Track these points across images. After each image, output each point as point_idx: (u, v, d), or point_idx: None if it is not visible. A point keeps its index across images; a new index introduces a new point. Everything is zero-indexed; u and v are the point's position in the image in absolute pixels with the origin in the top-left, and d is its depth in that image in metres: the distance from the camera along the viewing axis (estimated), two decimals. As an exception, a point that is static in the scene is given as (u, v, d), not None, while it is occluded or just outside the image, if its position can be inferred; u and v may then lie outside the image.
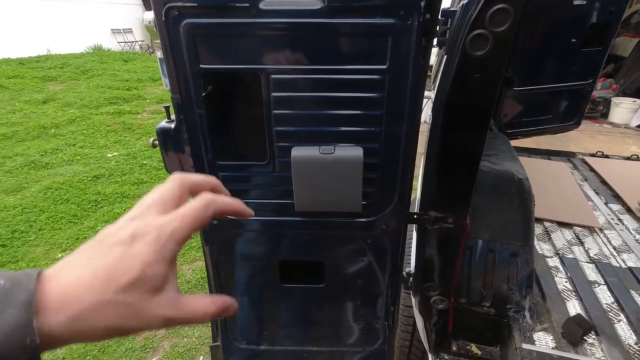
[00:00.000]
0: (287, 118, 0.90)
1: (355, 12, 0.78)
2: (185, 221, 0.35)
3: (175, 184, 0.38)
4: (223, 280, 1.16)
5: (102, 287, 0.31)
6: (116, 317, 0.31)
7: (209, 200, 0.37)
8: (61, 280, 0.31)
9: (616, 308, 1.27)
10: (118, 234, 0.34)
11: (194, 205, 0.36)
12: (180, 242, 0.35)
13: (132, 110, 6.49)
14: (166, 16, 0.79)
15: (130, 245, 0.33)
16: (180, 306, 0.35)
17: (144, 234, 0.33)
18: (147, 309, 0.33)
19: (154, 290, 0.33)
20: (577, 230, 1.68)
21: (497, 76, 0.89)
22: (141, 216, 0.35)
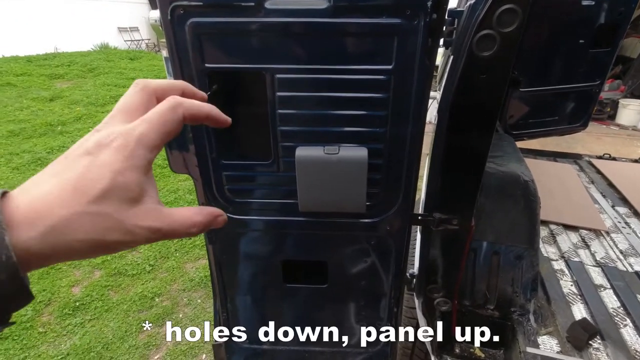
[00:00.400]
0: (292, 118, 0.89)
1: (361, 12, 0.77)
2: (153, 124, 0.32)
3: (137, 88, 0.35)
4: (226, 279, 1.16)
5: (73, 200, 0.29)
6: (94, 230, 0.29)
7: (176, 102, 0.34)
8: (29, 196, 0.29)
9: (622, 313, 1.26)
10: (83, 146, 0.31)
11: (160, 108, 0.33)
12: (152, 148, 0.32)
13: (137, 108, 6.52)
14: (172, 15, 0.79)
15: (96, 154, 0.30)
16: (164, 216, 0.32)
17: (110, 142, 0.31)
18: (127, 220, 0.30)
19: (131, 200, 0.31)
20: (583, 233, 1.67)
21: (504, 77, 0.88)
22: (105, 126, 0.33)
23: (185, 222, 0.33)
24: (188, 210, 0.34)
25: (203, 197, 1.01)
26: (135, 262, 2.80)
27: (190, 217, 0.34)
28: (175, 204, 3.50)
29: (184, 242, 3.04)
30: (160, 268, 2.78)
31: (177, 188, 3.79)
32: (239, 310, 1.21)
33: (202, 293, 2.54)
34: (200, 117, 0.36)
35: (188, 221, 0.33)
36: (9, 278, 0.26)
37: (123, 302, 2.48)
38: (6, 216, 0.27)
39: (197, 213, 0.34)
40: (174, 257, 2.88)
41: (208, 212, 0.35)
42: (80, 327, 2.29)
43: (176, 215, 0.33)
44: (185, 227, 0.33)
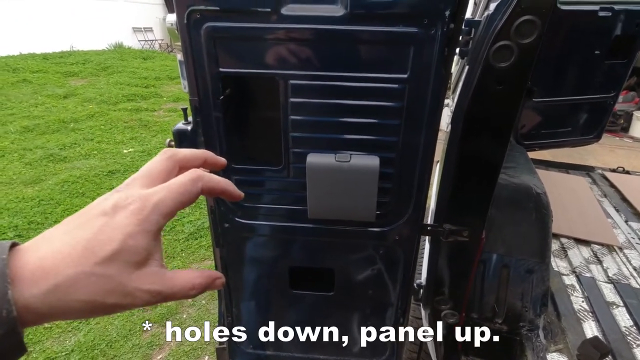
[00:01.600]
0: (304, 124, 0.89)
1: (378, 20, 0.77)
2: (172, 193, 0.33)
3: (164, 157, 0.37)
4: (232, 283, 1.15)
5: (81, 259, 0.29)
6: (96, 291, 0.30)
7: (197, 175, 0.35)
8: (39, 252, 0.29)
9: (635, 332, 1.22)
10: (100, 206, 0.32)
11: (182, 179, 0.34)
12: (166, 215, 0.33)
13: (149, 107, 6.59)
14: (188, 19, 0.79)
15: (112, 216, 0.31)
16: (166, 280, 0.33)
17: (127, 205, 0.32)
18: (129, 283, 0.31)
19: (137, 263, 0.31)
20: (595, 248, 1.63)
21: (520, 88, 0.87)
22: (126, 188, 0.34)
23: (185, 285, 0.34)
24: (188, 273, 0.35)
25: (212, 201, 1.01)
26: (141, 261, 2.81)
27: (190, 280, 0.34)
28: (183, 204, 3.52)
29: (190, 242, 3.05)
30: (166, 267, 2.79)
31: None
32: (244, 314, 1.20)
33: (207, 294, 2.54)
34: (216, 192, 0.37)
35: (188, 284, 0.34)
36: (7, 333, 0.27)
37: (128, 301, 2.49)
38: (13, 271, 0.28)
39: (198, 276, 0.35)
40: (180, 257, 2.89)
41: (208, 275, 0.36)
42: (85, 324, 2.31)
43: (177, 278, 0.34)
44: (185, 290, 0.34)
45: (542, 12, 0.79)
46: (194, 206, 3.51)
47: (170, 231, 3.17)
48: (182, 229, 3.18)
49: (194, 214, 3.40)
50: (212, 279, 0.36)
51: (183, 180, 0.34)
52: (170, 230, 3.18)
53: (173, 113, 6.42)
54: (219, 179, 0.37)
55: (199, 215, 3.36)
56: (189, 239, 3.08)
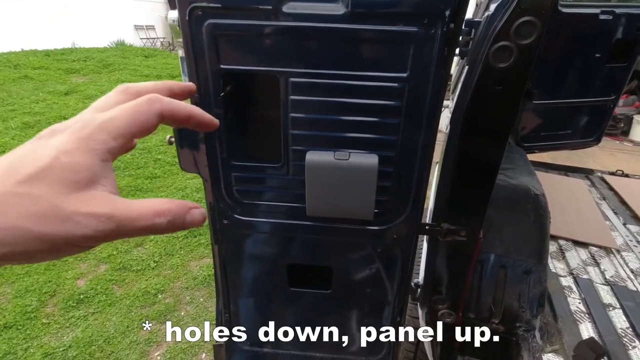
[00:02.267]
0: (304, 122, 0.89)
1: (378, 19, 0.77)
2: (123, 112, 0.28)
3: (118, 90, 0.32)
4: (230, 280, 1.16)
5: (1, 180, 0.25)
6: (22, 214, 0.24)
7: (154, 96, 0.30)
8: None
9: (631, 334, 1.23)
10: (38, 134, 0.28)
11: (136, 100, 0.30)
12: (116, 135, 0.28)
13: (149, 105, 6.61)
14: (190, 16, 0.80)
15: (46, 138, 0.27)
16: (119, 204, 0.27)
17: (67, 127, 0.28)
18: (65, 205, 0.25)
19: (75, 183, 0.26)
20: (593, 250, 1.64)
21: (519, 89, 0.87)
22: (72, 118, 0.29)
23: (146, 211, 0.27)
24: (154, 199, 0.29)
25: (211, 197, 1.02)
26: (140, 258, 2.82)
27: (153, 206, 0.28)
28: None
29: (189, 240, 3.05)
30: (164, 265, 2.80)
31: (185, 186, 3.82)
32: (242, 311, 1.21)
33: (205, 292, 2.55)
34: (180, 116, 0.32)
35: (150, 210, 0.28)
36: None
37: (126, 297, 2.49)
38: None
39: (164, 202, 0.29)
40: (179, 255, 2.89)
41: (178, 202, 0.29)
42: (83, 320, 2.31)
43: (134, 203, 0.28)
44: (147, 217, 0.27)
45: (541, 13, 0.80)
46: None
47: (169, 229, 3.17)
48: (182, 227, 3.19)
49: (194, 212, 3.40)
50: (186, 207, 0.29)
51: (138, 100, 0.30)
52: (169, 227, 3.18)
53: (174, 111, 6.43)
54: (182, 103, 0.32)
55: (199, 213, 3.37)
56: (188, 237, 3.08)
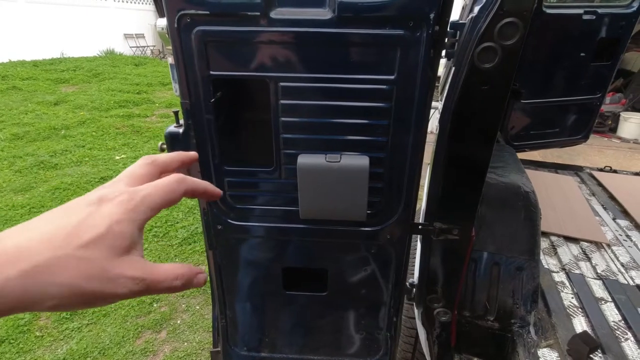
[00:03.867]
0: (295, 125, 0.90)
1: (365, 23, 0.79)
2: (159, 190, 0.34)
3: (146, 162, 0.39)
4: (226, 285, 1.15)
5: (63, 243, 0.29)
6: (77, 275, 0.29)
7: (182, 177, 0.37)
8: (17, 238, 0.29)
9: (623, 326, 1.25)
10: (86, 198, 0.33)
11: (169, 179, 0.36)
12: (153, 209, 0.34)
13: (141, 113, 6.57)
14: (179, 23, 0.80)
15: (98, 205, 0.32)
16: (148, 268, 0.33)
17: (115, 197, 0.33)
18: (112, 268, 0.30)
19: (121, 249, 0.31)
20: (584, 245, 1.66)
21: (505, 88, 0.89)
22: (111, 185, 0.35)
23: (169, 275, 0.34)
24: (172, 264, 0.35)
25: (205, 204, 1.02)
26: (134, 267, 2.79)
27: (173, 270, 0.34)
28: (175, 210, 3.51)
29: (183, 247, 3.03)
30: (159, 273, 2.77)
31: (178, 193, 3.81)
32: (238, 317, 1.20)
33: (201, 299, 2.53)
34: (198, 192, 0.39)
35: (172, 274, 0.34)
36: None
37: (121, 307, 2.46)
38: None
39: (181, 267, 0.35)
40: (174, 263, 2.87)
41: (190, 268, 0.36)
42: (77, 332, 2.28)
43: (161, 267, 0.34)
44: (169, 279, 0.34)
45: (523, 14, 0.82)
46: (187, 211, 3.50)
47: (163, 237, 3.15)
48: (176, 235, 3.17)
49: (187, 219, 3.39)
50: (194, 272, 0.36)
51: (169, 180, 0.36)
52: (163, 236, 3.16)
53: (165, 119, 6.40)
54: (200, 181, 0.40)
55: (193, 221, 3.35)
56: (183, 244, 3.06)
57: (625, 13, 2.16)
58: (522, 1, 0.81)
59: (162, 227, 3.26)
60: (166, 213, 3.44)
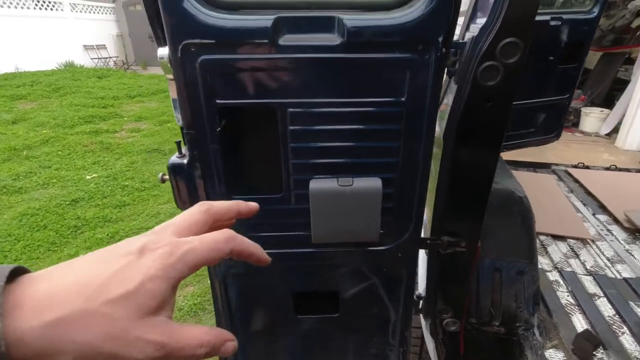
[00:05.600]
0: (304, 151, 0.89)
1: (374, 48, 0.79)
2: (204, 245, 0.32)
3: (201, 209, 0.36)
4: (234, 315, 1.12)
5: (94, 294, 0.27)
6: (97, 333, 0.27)
7: (232, 235, 0.34)
8: (50, 282, 0.27)
9: (619, 320, 1.31)
10: (128, 245, 0.31)
11: (217, 235, 0.33)
12: (192, 266, 0.31)
13: (109, 129, 6.30)
14: (182, 52, 0.77)
15: (137, 256, 0.30)
16: (173, 332, 0.30)
17: (156, 248, 0.31)
18: (134, 330, 0.28)
19: (149, 309, 0.29)
20: (571, 242, 1.74)
21: (508, 103, 0.92)
22: (158, 232, 0.33)
23: (193, 341, 0.31)
24: (198, 328, 0.32)
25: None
26: (117, 294, 2.65)
27: (199, 336, 0.32)
28: (157, 229, 3.37)
29: (169, 269, 2.91)
30: (145, 298, 2.65)
31: (158, 212, 3.66)
32: (247, 346, 1.17)
33: (194, 323, 2.44)
34: (244, 254, 0.36)
35: (196, 340, 0.31)
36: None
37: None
38: (15, 298, 0.26)
39: (207, 333, 0.32)
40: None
41: (219, 334, 0.33)
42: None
43: (185, 332, 0.31)
44: (192, 346, 0.31)
45: (523, 34, 0.84)
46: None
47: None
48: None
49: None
50: (223, 339, 0.33)
51: (218, 236, 0.33)
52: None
53: (136, 133, 6.17)
54: (249, 242, 0.37)
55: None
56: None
57: (588, 18, 2.30)
58: (522, 22, 0.84)
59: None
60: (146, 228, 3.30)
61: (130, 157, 5.01)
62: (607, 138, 5.58)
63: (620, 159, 4.71)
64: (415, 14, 0.76)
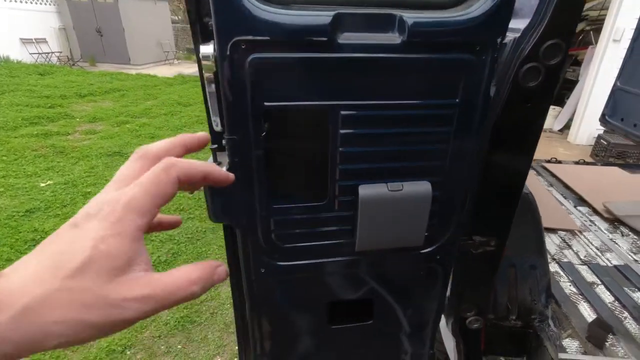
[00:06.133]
0: (354, 155, 0.84)
1: (433, 48, 0.76)
2: (143, 187, 0.30)
3: (136, 156, 0.34)
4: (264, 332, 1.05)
5: (49, 276, 0.27)
6: (72, 308, 0.26)
7: (169, 162, 0.32)
8: (7, 279, 0.27)
9: (619, 306, 1.40)
10: (72, 220, 0.30)
11: (152, 170, 0.32)
12: (142, 212, 0.30)
13: (60, 130, 5.78)
14: (232, 50, 0.69)
15: (82, 226, 0.29)
16: (156, 282, 0.29)
17: (98, 211, 0.30)
18: (110, 293, 0.27)
19: (115, 270, 0.28)
20: (562, 234, 1.84)
21: (546, 105, 0.94)
22: (98, 196, 0.32)
23: (182, 283, 0.30)
24: (182, 269, 0.31)
25: (250, 245, 0.91)
26: (92, 312, 2.43)
27: (186, 276, 0.31)
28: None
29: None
30: (124, 314, 2.45)
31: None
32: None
33: (181, 337, 2.29)
34: (196, 177, 0.34)
35: (185, 280, 0.30)
36: None
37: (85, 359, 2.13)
38: None
39: (194, 269, 0.31)
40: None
41: (205, 265, 0.32)
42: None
43: (169, 277, 0.30)
44: (183, 287, 0.30)
45: (566, 35, 0.86)
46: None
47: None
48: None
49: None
50: (212, 267, 0.32)
51: (154, 171, 0.31)
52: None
53: (92, 135, 5.72)
54: (197, 162, 0.34)
55: (152, 249, 3.03)
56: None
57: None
58: (565, 23, 0.86)
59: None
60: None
61: (89, 162, 4.63)
62: (559, 134, 6.05)
63: (574, 153, 5.13)
64: (476, 13, 0.74)
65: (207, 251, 3.04)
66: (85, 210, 0.30)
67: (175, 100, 7.75)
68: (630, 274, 1.57)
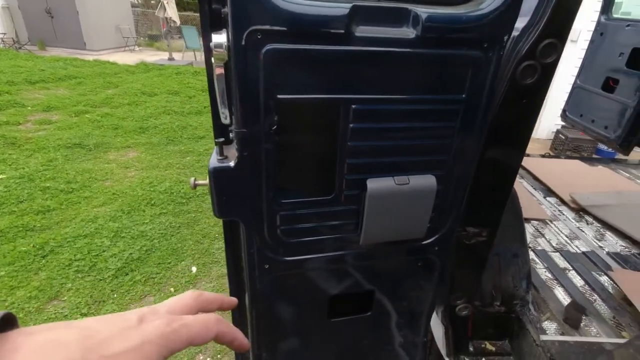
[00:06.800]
0: (362, 149, 0.84)
1: (446, 44, 0.77)
2: (197, 323, 0.35)
3: (194, 295, 0.40)
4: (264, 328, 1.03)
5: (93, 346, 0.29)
6: None
7: (220, 318, 0.38)
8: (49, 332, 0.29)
9: (589, 290, 1.51)
10: (127, 314, 0.34)
11: (208, 316, 0.37)
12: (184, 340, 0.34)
13: (10, 120, 5.33)
14: (247, 40, 0.67)
15: (137, 323, 0.33)
16: None
17: (154, 319, 0.34)
18: None
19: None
20: (535, 223, 1.96)
21: (540, 101, 0.98)
22: (152, 309, 0.36)
23: None
24: None
25: (255, 240, 0.89)
26: (60, 314, 2.29)
27: None
28: (98, 235, 2.97)
29: (120, 279, 2.59)
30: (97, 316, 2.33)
31: (95, 216, 3.22)
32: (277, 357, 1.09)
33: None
34: (227, 338, 0.39)
35: None
36: None
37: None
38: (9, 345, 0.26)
39: None
40: (113, 300, 2.44)
41: None
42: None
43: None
44: None
45: (562, 35, 0.90)
46: (112, 236, 2.99)
47: (90, 271, 2.64)
48: (106, 266, 2.69)
49: (116, 245, 2.90)
50: None
51: (209, 317, 0.37)
52: (90, 269, 2.65)
53: (47, 126, 5.32)
54: (234, 328, 0.40)
55: (124, 246, 2.89)
56: (118, 276, 2.62)
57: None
58: (562, 24, 0.90)
59: (84, 259, 2.73)
60: (86, 241, 2.89)
61: (47, 154, 4.31)
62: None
63: (536, 146, 5.44)
64: (487, 10, 0.76)
65: (183, 247, 2.94)
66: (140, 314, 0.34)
67: (138, 90, 7.36)
68: (597, 259, 1.70)
